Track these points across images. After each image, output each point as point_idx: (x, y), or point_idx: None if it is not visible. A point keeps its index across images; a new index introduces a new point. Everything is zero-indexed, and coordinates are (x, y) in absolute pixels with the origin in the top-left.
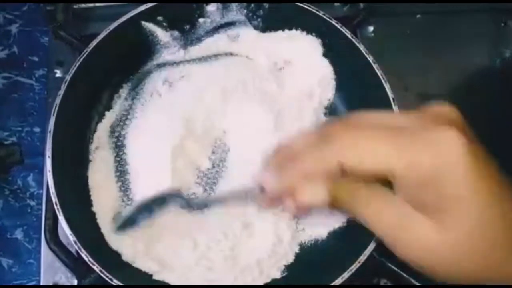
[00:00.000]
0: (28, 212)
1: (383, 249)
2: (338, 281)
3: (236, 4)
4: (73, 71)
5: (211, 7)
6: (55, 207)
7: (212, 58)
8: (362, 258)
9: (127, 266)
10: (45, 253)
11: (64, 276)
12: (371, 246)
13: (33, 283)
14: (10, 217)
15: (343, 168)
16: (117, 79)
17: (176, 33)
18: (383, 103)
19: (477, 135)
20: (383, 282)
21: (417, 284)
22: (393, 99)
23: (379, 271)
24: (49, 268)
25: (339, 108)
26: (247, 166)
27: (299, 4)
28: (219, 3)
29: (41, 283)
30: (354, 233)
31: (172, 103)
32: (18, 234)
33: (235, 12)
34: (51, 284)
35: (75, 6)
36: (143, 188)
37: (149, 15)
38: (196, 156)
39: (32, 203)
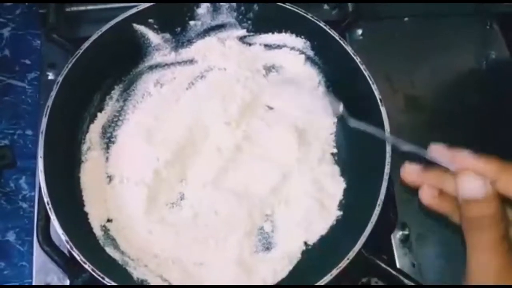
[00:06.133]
0: (20, 214)
1: (371, 247)
2: (327, 278)
3: (226, 6)
4: (65, 72)
5: (202, 10)
6: (47, 207)
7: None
8: (351, 254)
9: (119, 266)
10: (37, 254)
11: (56, 276)
12: (359, 244)
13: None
14: (2, 220)
15: None
16: (109, 80)
17: (167, 35)
18: (371, 104)
19: (464, 136)
20: (374, 281)
21: (406, 281)
22: (380, 100)
23: (368, 269)
24: (41, 269)
25: (327, 109)
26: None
27: (288, 7)
28: (209, 6)
29: (33, 284)
30: (342, 233)
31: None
32: (10, 237)
33: (225, 15)
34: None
35: (67, 9)
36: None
37: (140, 18)
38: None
39: (24, 205)
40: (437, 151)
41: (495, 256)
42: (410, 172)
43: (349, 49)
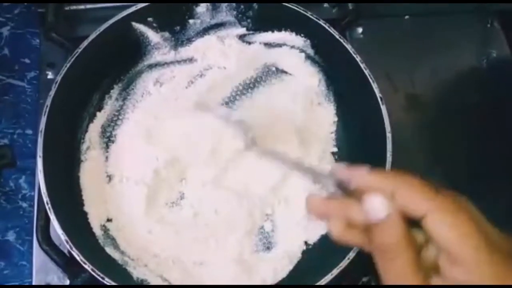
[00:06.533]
0: (20, 214)
1: None
2: (328, 277)
3: (226, 5)
4: (64, 72)
5: (201, 8)
6: (46, 207)
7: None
8: (351, 254)
9: (119, 265)
10: (37, 254)
11: (56, 276)
12: None
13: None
14: (2, 219)
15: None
16: (108, 79)
17: (166, 34)
18: (371, 102)
19: (465, 134)
20: (374, 281)
21: None
22: (381, 98)
23: (369, 268)
24: (41, 269)
25: (327, 107)
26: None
27: (288, 5)
28: (208, 5)
29: (33, 284)
30: None
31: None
32: (10, 236)
33: (225, 13)
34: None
35: (66, 8)
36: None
37: (139, 16)
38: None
39: (24, 205)
40: (337, 171)
41: (411, 281)
42: (315, 204)
43: (349, 47)
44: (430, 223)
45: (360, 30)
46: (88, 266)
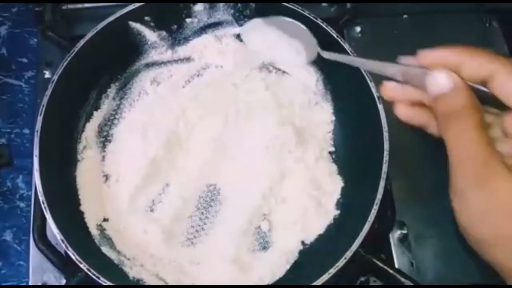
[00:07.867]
0: (17, 213)
1: (369, 246)
2: (325, 277)
3: (223, 4)
4: (60, 71)
5: (198, 7)
6: (42, 206)
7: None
8: (348, 254)
9: (115, 265)
10: (34, 253)
11: (53, 276)
12: (357, 243)
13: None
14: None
15: None
16: (105, 79)
17: (163, 33)
18: (368, 102)
19: None
20: (372, 281)
21: (404, 280)
22: (378, 98)
23: (366, 268)
24: (37, 268)
25: (324, 107)
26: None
27: (285, 4)
28: (205, 4)
29: (30, 283)
30: (340, 232)
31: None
32: (7, 236)
33: (222, 12)
34: (39, 284)
35: (64, 7)
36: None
37: (136, 15)
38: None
39: (22, 204)
40: (406, 59)
41: (476, 147)
42: (389, 88)
43: (347, 46)
44: (498, 82)
45: (358, 29)
46: (84, 266)
